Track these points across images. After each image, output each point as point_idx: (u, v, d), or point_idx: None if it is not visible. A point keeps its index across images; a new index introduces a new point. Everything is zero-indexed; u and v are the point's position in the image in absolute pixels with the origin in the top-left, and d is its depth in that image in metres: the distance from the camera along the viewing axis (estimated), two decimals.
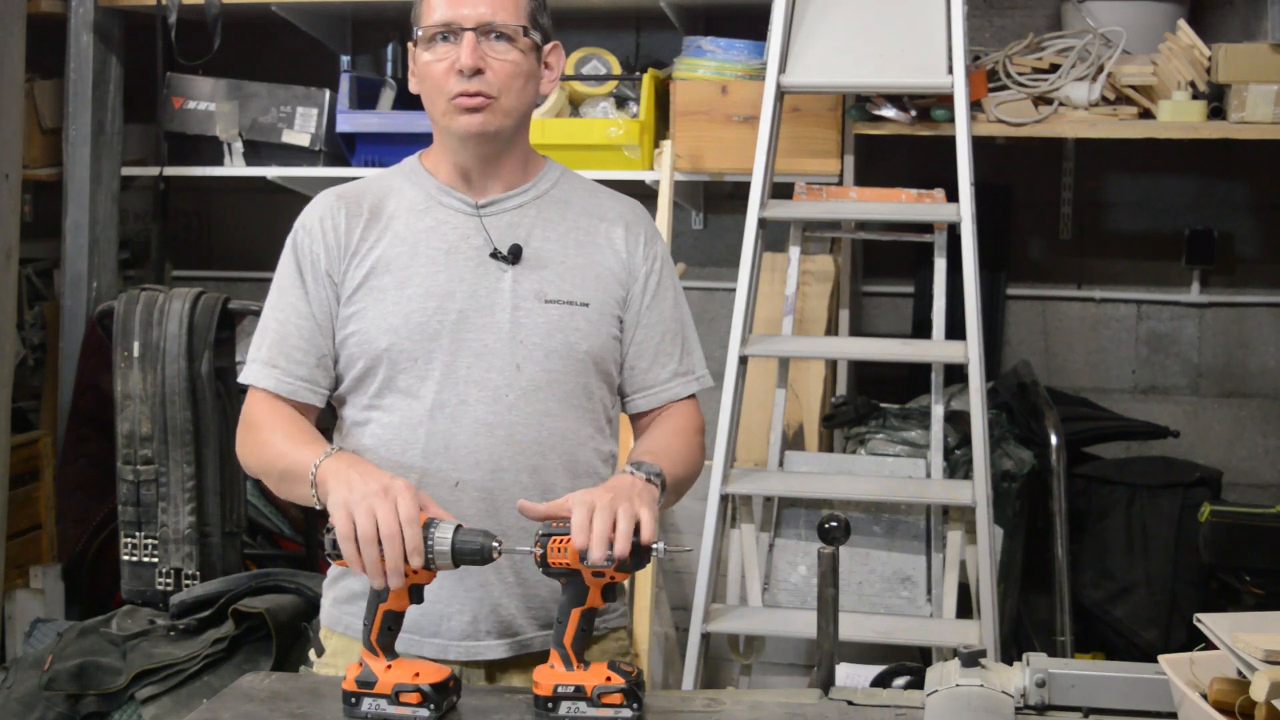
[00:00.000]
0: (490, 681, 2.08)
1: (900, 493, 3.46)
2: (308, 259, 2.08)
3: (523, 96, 2.07)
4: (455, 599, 2.06)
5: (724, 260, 4.34)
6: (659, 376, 2.17)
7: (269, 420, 2.06)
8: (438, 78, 2.04)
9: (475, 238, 2.08)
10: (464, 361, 2.04)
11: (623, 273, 2.13)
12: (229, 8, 4.17)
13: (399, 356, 2.04)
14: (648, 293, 2.15)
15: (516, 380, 2.04)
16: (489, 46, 2.03)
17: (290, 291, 2.09)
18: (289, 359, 2.07)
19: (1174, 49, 3.77)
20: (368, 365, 2.06)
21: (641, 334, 2.14)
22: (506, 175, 2.12)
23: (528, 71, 2.07)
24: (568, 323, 2.07)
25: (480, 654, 2.07)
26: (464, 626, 2.07)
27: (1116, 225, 4.42)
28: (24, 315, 4.35)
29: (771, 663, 3.80)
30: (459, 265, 2.06)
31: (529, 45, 2.06)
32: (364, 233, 2.08)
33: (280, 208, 4.61)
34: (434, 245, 2.07)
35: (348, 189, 2.15)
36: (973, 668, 1.90)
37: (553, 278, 2.08)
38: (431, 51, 2.05)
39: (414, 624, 2.03)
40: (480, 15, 2.02)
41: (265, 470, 2.06)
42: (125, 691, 3.15)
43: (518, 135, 2.11)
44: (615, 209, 2.17)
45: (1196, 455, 4.33)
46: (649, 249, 2.16)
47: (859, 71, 3.50)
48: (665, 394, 2.17)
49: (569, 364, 2.07)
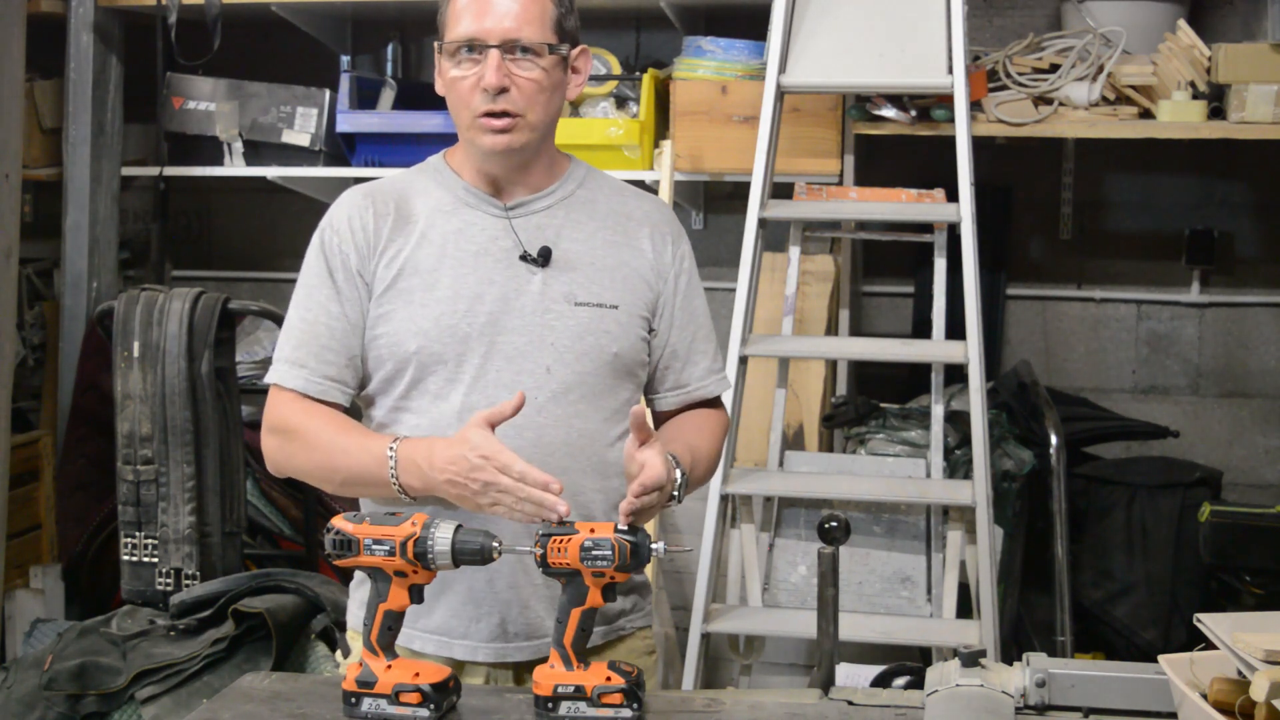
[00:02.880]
0: (518, 683, 2.07)
1: (900, 493, 3.46)
2: (337, 258, 2.07)
3: (549, 109, 2.07)
4: (485, 601, 2.05)
5: (724, 260, 4.33)
6: (693, 374, 2.18)
7: (309, 423, 2.04)
8: (463, 93, 2.03)
9: (504, 240, 2.07)
10: (494, 365, 2.04)
11: (651, 274, 2.13)
12: (229, 8, 4.17)
13: (428, 359, 2.03)
14: (679, 293, 2.16)
15: (547, 383, 2.03)
16: (514, 63, 2.01)
17: (319, 290, 2.07)
18: (318, 359, 2.05)
19: (1174, 49, 3.77)
20: (396, 367, 2.06)
21: (676, 334, 2.16)
22: (533, 179, 2.11)
23: (554, 84, 2.06)
24: (597, 325, 2.07)
25: (509, 656, 2.07)
26: (493, 629, 2.06)
27: (1116, 225, 4.42)
28: (24, 315, 4.35)
29: (771, 663, 3.80)
30: (488, 267, 2.05)
31: (555, 60, 2.05)
32: (391, 232, 2.07)
33: (280, 208, 4.63)
34: (462, 247, 2.06)
35: (374, 187, 2.14)
36: (973, 668, 1.90)
37: (582, 280, 2.08)
38: (457, 66, 2.03)
39: (444, 626, 2.05)
40: (506, 30, 2.01)
41: (324, 474, 2.05)
42: (125, 691, 3.15)
43: (544, 144, 2.11)
44: (642, 209, 2.17)
45: (1196, 455, 4.33)
46: (677, 249, 2.17)
47: (859, 71, 3.50)
48: (700, 392, 2.19)
49: (599, 366, 2.07)
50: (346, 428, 2.03)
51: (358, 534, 1.85)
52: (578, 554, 1.81)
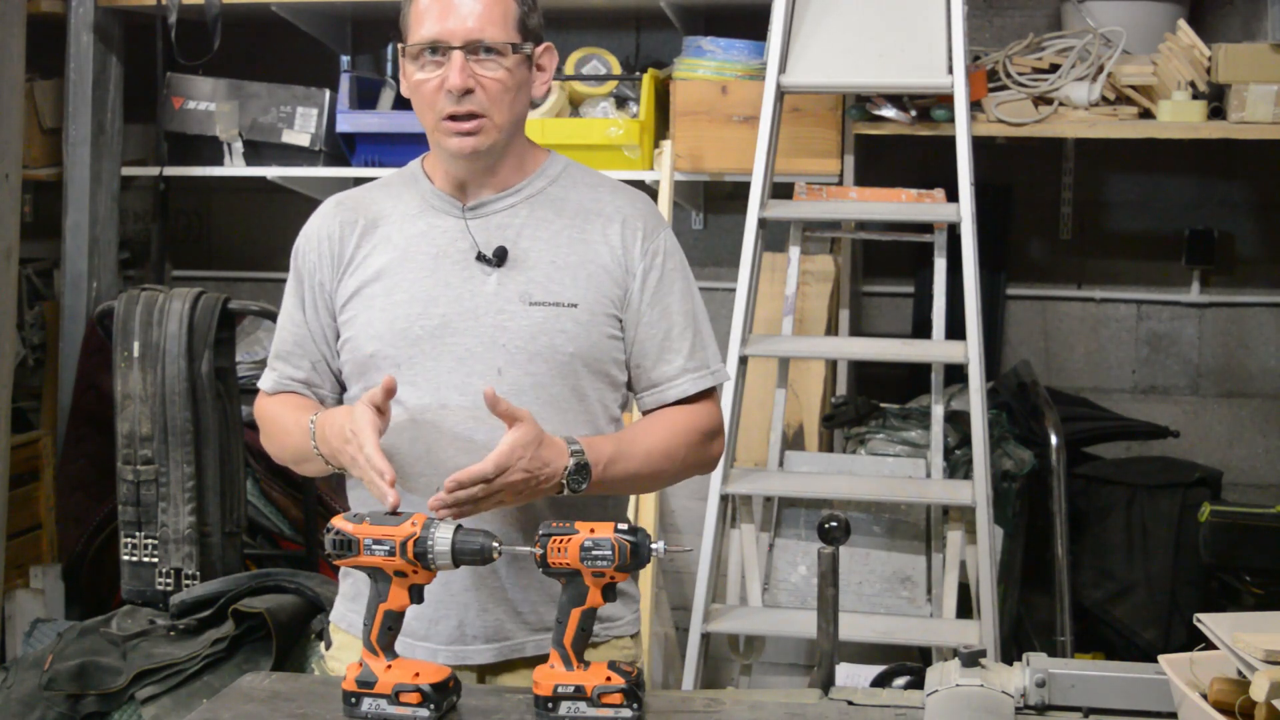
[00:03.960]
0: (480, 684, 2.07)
1: (900, 493, 3.46)
2: (305, 268, 2.15)
3: (515, 109, 2.07)
4: (442, 605, 2.05)
5: (724, 260, 4.33)
6: (665, 373, 2.12)
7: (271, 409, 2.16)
8: (428, 95, 2.04)
9: (463, 241, 2.08)
10: (445, 366, 2.03)
11: (618, 270, 2.09)
12: (229, 8, 4.17)
13: (382, 362, 2.05)
14: (648, 289, 2.10)
15: (498, 384, 1.99)
16: (478, 64, 2.01)
17: (289, 298, 2.17)
18: (285, 362, 2.16)
19: (1174, 49, 3.77)
20: (357, 370, 2.10)
21: (644, 331, 2.11)
22: (500, 178, 2.11)
23: (519, 83, 2.05)
24: (553, 324, 2.04)
25: (468, 658, 2.07)
26: (450, 631, 2.07)
27: (1116, 225, 4.42)
28: (24, 315, 4.35)
29: (771, 663, 3.80)
30: (445, 270, 2.06)
31: (519, 59, 2.04)
32: (360, 241, 2.11)
33: (280, 208, 4.63)
34: (423, 250, 2.08)
35: (349, 196, 2.18)
36: (973, 668, 1.90)
37: (540, 279, 2.06)
38: (421, 69, 2.04)
39: (407, 628, 2.03)
40: (468, 31, 2.01)
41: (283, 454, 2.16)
42: (125, 691, 3.15)
43: (512, 142, 2.10)
44: (615, 204, 2.13)
45: (1196, 455, 4.33)
46: (649, 244, 2.11)
47: (859, 71, 3.50)
48: (673, 391, 2.12)
49: (553, 366, 2.04)
50: (297, 407, 2.12)
51: (358, 534, 1.85)
52: (578, 554, 1.81)
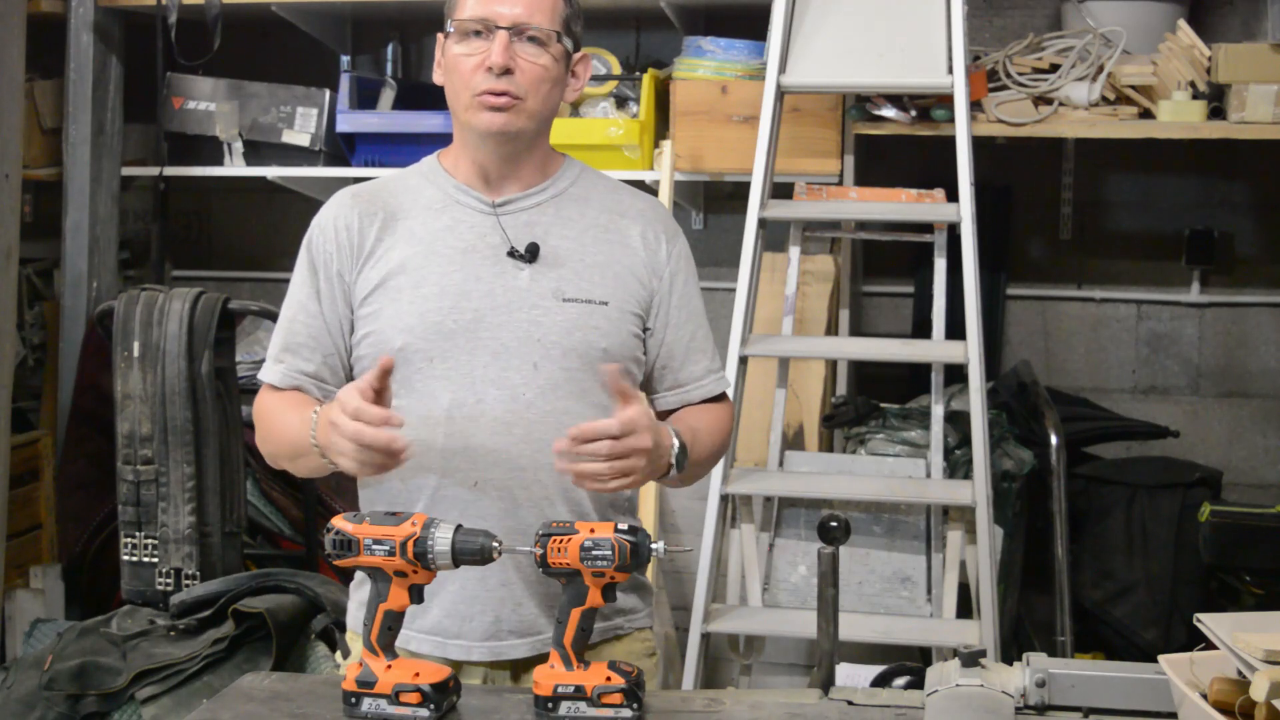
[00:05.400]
0: (515, 681, 2.08)
1: (900, 493, 3.46)
2: (320, 258, 2.10)
3: (548, 101, 2.07)
4: (478, 600, 2.05)
5: (724, 260, 4.33)
6: (693, 373, 2.17)
7: (271, 405, 2.09)
8: (466, 73, 2.03)
9: (492, 236, 2.08)
10: (480, 360, 2.04)
11: (644, 271, 2.12)
12: (229, 8, 4.17)
13: (414, 356, 2.04)
14: (675, 291, 2.14)
15: (534, 379, 2.03)
16: (521, 48, 2.02)
17: (301, 289, 2.11)
18: (295, 355, 2.09)
19: (1174, 49, 3.77)
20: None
21: (673, 333, 2.14)
22: (525, 176, 2.11)
23: (556, 77, 2.06)
24: (586, 320, 2.06)
25: (504, 654, 2.07)
26: (486, 627, 2.06)
27: (1116, 225, 4.42)
28: (24, 315, 4.35)
29: (771, 663, 3.80)
30: (475, 264, 2.06)
31: (560, 52, 2.06)
32: (379, 234, 2.08)
33: (280, 208, 4.63)
34: (450, 244, 2.07)
35: (365, 188, 2.16)
36: (973, 668, 1.90)
37: (570, 275, 2.07)
38: (463, 45, 2.04)
39: (438, 626, 2.05)
40: (516, 15, 2.02)
41: (280, 451, 2.09)
42: (125, 691, 3.15)
43: (539, 138, 2.11)
44: (636, 207, 2.16)
45: (1196, 455, 4.33)
46: (672, 247, 2.15)
47: (859, 71, 3.51)
48: (699, 391, 2.17)
49: (587, 362, 2.06)
50: (297, 404, 2.05)
51: (358, 534, 1.85)
52: (577, 554, 1.81)
